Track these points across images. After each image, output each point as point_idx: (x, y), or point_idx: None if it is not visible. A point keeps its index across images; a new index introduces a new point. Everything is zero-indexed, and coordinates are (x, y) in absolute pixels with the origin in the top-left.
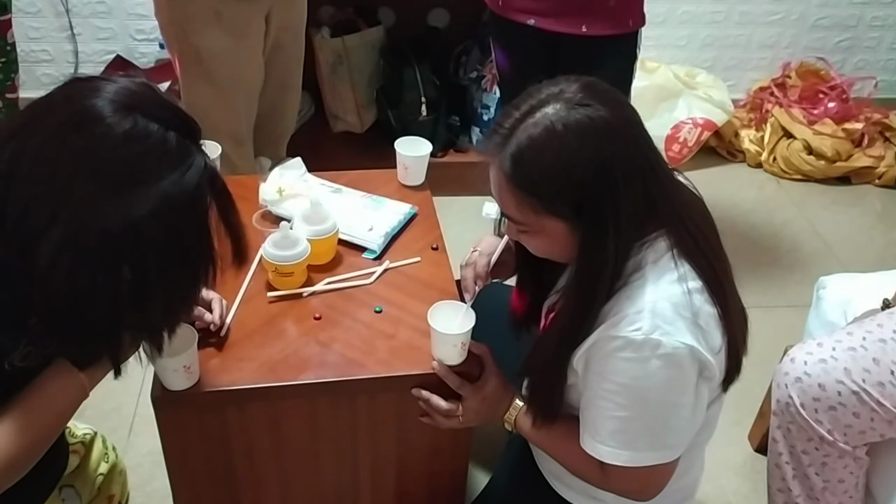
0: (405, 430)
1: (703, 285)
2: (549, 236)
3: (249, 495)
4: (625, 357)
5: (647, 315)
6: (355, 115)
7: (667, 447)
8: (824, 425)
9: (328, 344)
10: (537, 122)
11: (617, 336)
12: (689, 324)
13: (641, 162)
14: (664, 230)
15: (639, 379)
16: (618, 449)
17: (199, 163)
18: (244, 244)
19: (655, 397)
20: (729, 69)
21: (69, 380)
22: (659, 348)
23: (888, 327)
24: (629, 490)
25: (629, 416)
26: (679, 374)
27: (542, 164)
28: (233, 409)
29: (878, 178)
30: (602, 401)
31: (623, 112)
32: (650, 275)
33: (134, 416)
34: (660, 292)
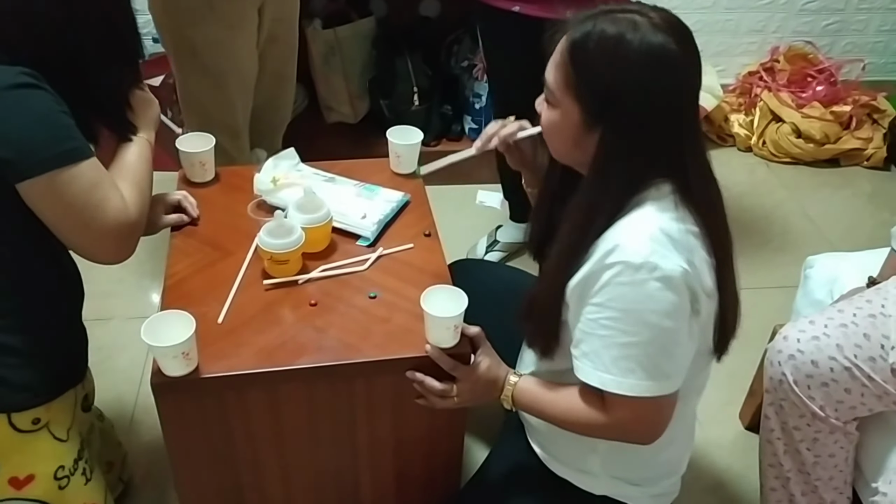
0: (402, 412)
1: (700, 231)
2: (562, 115)
3: (250, 479)
4: (623, 281)
5: (645, 240)
6: (348, 106)
7: (665, 376)
8: (816, 401)
9: (324, 329)
10: (619, 20)
11: (615, 262)
12: (684, 257)
13: (686, 104)
14: (673, 180)
15: (638, 301)
16: (620, 377)
17: None
18: None
19: (654, 320)
20: (718, 54)
21: (137, 142)
22: (656, 270)
23: (877, 302)
24: (631, 427)
25: (630, 341)
26: (675, 297)
27: (600, 56)
28: (232, 394)
29: (866, 159)
30: (604, 329)
31: (691, 55)
32: (650, 208)
33: (135, 406)
34: (659, 222)
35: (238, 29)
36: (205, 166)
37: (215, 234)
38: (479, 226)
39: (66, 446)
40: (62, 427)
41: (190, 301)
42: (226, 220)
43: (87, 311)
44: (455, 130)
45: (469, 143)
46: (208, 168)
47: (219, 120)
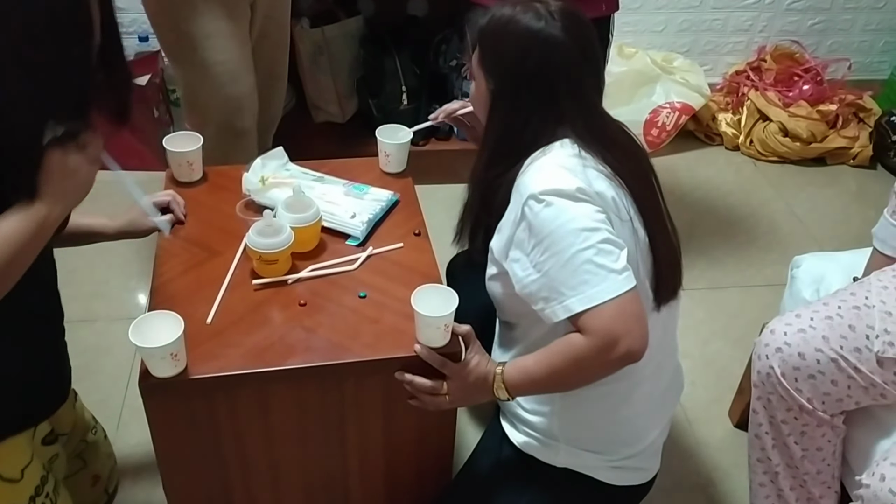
0: (392, 413)
1: (607, 171)
2: (477, 88)
3: (239, 480)
4: (535, 212)
5: (542, 174)
6: (336, 106)
7: (613, 272)
8: (804, 394)
9: (314, 329)
10: (518, 8)
11: (524, 200)
12: (582, 179)
13: (556, 77)
14: (571, 138)
15: (553, 220)
16: (577, 294)
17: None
18: None
19: (574, 226)
20: (705, 54)
21: (22, 207)
22: (557, 191)
23: (860, 295)
24: (615, 334)
25: (566, 258)
26: (583, 204)
27: (494, 34)
28: (221, 395)
29: (852, 158)
30: (543, 266)
31: (574, 43)
32: (551, 150)
33: (122, 407)
34: (556, 160)
35: (234, 19)
36: (192, 166)
37: (203, 234)
38: None
39: (18, 486)
40: (14, 467)
41: (178, 301)
42: (214, 220)
43: (73, 312)
44: (443, 130)
45: (457, 143)
46: (196, 168)
47: (223, 119)
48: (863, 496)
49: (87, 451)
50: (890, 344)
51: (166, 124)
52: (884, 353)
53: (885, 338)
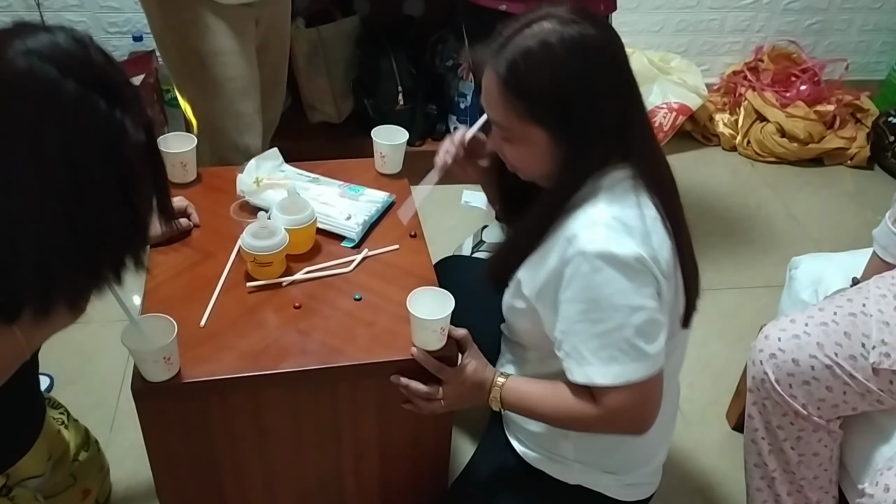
0: (387, 416)
1: (657, 214)
2: (530, 145)
3: (233, 485)
4: (583, 272)
5: (599, 229)
6: (332, 106)
7: (646, 356)
8: (798, 400)
9: (308, 332)
10: (533, 34)
11: (573, 255)
12: (640, 240)
13: (625, 81)
14: (625, 164)
15: (601, 288)
16: (603, 367)
17: (102, 116)
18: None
19: (621, 302)
20: (702, 54)
21: (3, 337)
22: (612, 257)
23: (857, 301)
24: (625, 415)
25: (604, 329)
26: (636, 277)
27: (534, 72)
28: (214, 399)
29: (849, 159)
30: (577, 324)
31: (609, 32)
32: (604, 195)
33: (116, 410)
34: (613, 209)
35: (241, 35)
36: (186, 167)
37: (197, 235)
38: (465, 226)
39: None
40: None
41: (171, 304)
42: (208, 222)
43: None
44: (440, 130)
45: None
46: (190, 169)
47: (235, 142)
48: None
49: (78, 470)
50: (886, 355)
51: (161, 124)
52: (879, 365)
53: (882, 349)
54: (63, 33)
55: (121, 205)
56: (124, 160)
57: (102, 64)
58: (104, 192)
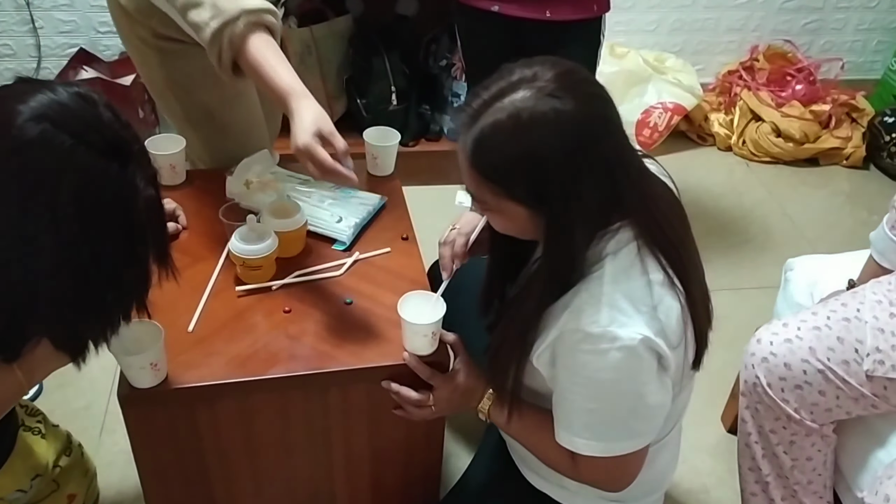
0: (378, 422)
1: (665, 278)
2: (509, 218)
3: (222, 492)
4: (585, 350)
5: (604, 308)
6: (325, 106)
7: (638, 435)
8: (791, 404)
9: (298, 337)
10: (504, 107)
11: (577, 330)
12: (647, 317)
13: (607, 156)
14: (628, 221)
15: (600, 371)
16: (592, 440)
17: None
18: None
19: (619, 388)
20: (698, 53)
21: (4, 374)
22: (616, 340)
23: (852, 306)
24: (601, 480)
25: (598, 407)
26: (638, 363)
27: (502, 152)
28: (203, 405)
29: (845, 158)
30: (571, 394)
31: (591, 108)
32: (609, 266)
33: (105, 415)
34: (618, 285)
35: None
36: (175, 169)
37: (186, 239)
38: None
39: None
40: None
41: (159, 309)
42: (197, 225)
43: None
44: (433, 130)
45: (448, 144)
46: (179, 170)
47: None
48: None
49: (60, 475)
50: (881, 363)
51: (152, 125)
52: (874, 372)
53: (876, 356)
54: (67, 92)
55: (130, 257)
56: (135, 216)
57: (113, 125)
58: (116, 247)
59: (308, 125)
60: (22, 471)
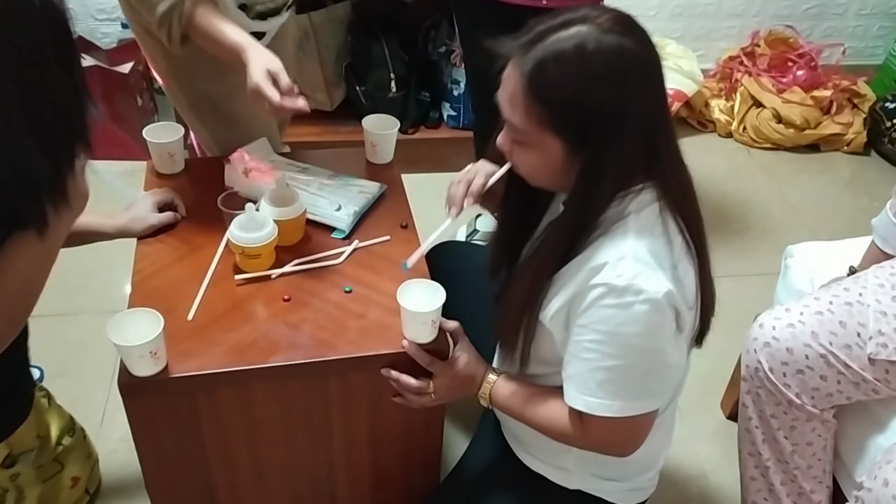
0: (378, 410)
1: (683, 241)
2: (543, 153)
3: (223, 480)
4: (608, 304)
5: (629, 261)
6: (324, 93)
7: (652, 394)
8: (792, 389)
9: (298, 325)
10: (570, 35)
11: (599, 283)
12: (670, 274)
13: (656, 104)
14: (651, 183)
15: (623, 325)
16: (607, 400)
17: None
18: None
19: (640, 343)
20: (698, 39)
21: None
22: (641, 293)
23: (854, 291)
24: (610, 443)
25: (616, 364)
26: (661, 318)
27: (562, 78)
28: (202, 393)
29: (846, 145)
30: (588, 353)
31: (650, 50)
32: (633, 222)
33: (106, 403)
34: (642, 240)
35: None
36: (174, 157)
37: (184, 227)
38: None
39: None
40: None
41: (158, 298)
42: (195, 214)
43: (57, 306)
44: (433, 118)
45: (447, 131)
46: (177, 159)
47: None
48: (863, 499)
49: (63, 455)
50: (883, 346)
51: (150, 113)
52: (876, 355)
53: (879, 339)
54: None
55: (63, 75)
56: (62, 28)
57: None
58: (49, 64)
59: (258, 68)
60: (31, 427)
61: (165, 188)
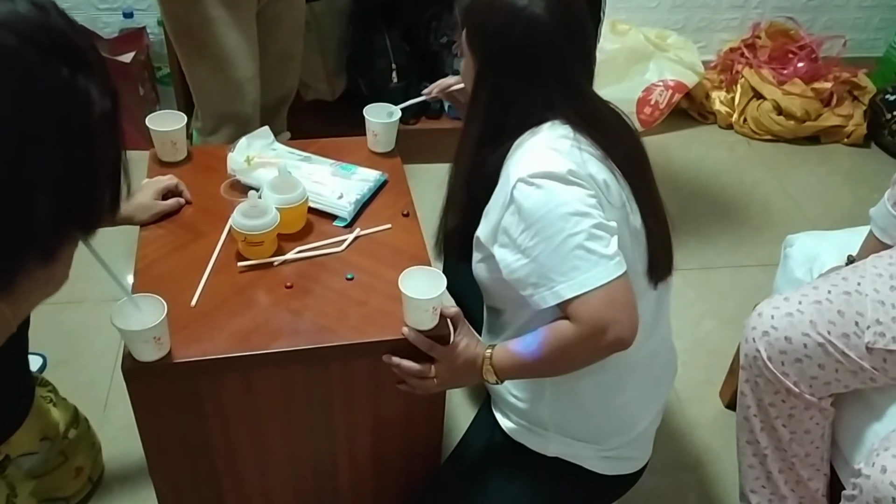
0: (379, 396)
1: (601, 154)
2: (466, 64)
3: (226, 465)
4: (525, 195)
5: (532, 156)
6: (325, 83)
7: (604, 258)
8: (791, 377)
9: (300, 312)
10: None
11: (513, 184)
12: (576, 162)
13: (542, 55)
14: (563, 119)
15: (543, 204)
16: (567, 280)
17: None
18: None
19: (565, 211)
20: (699, 30)
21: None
22: (547, 174)
23: (852, 280)
24: (606, 319)
25: (556, 243)
26: (574, 187)
27: (477, 10)
28: (205, 379)
29: (846, 136)
30: (532, 251)
31: (557, 17)
32: (542, 132)
33: (109, 390)
34: (548, 143)
35: (234, 8)
36: (176, 145)
37: (187, 215)
38: None
39: None
40: None
41: (161, 284)
42: (198, 201)
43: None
44: (434, 108)
45: (448, 122)
46: (180, 147)
47: (225, 110)
48: (861, 486)
49: (69, 447)
50: (881, 335)
51: (153, 102)
52: (874, 344)
53: (877, 328)
54: (24, 1)
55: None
56: (88, 128)
57: (63, 28)
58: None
59: None
60: (33, 433)
61: (169, 175)
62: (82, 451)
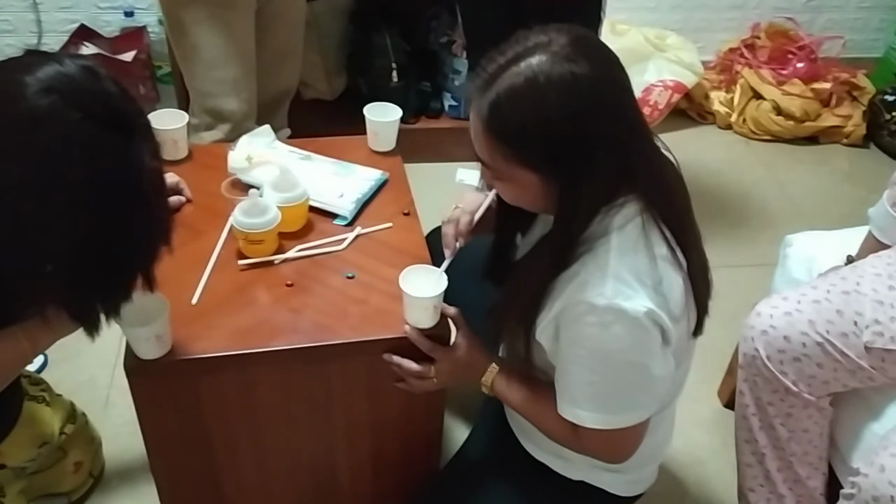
0: (378, 395)
1: (668, 252)
2: (519, 185)
3: (225, 462)
4: (589, 322)
5: (609, 281)
6: (325, 83)
7: (640, 407)
8: (789, 376)
9: (300, 310)
10: (520, 71)
11: (581, 301)
12: (651, 291)
13: (621, 124)
14: (634, 195)
15: (604, 342)
16: (594, 413)
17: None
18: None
19: (622, 359)
20: (698, 31)
21: (9, 341)
22: (620, 313)
23: (851, 280)
24: (602, 452)
25: (600, 379)
26: (642, 335)
27: (518, 115)
28: (206, 376)
29: (845, 137)
30: (574, 366)
31: (609, 72)
32: (615, 240)
33: (110, 388)
34: (624, 259)
35: (229, 8)
36: (177, 144)
37: (188, 213)
38: None
39: None
40: None
41: (162, 282)
42: (199, 200)
43: None
44: (434, 108)
45: (448, 121)
46: (181, 145)
47: (222, 108)
48: (859, 484)
49: (66, 442)
50: (879, 334)
51: (153, 101)
52: (873, 344)
53: (875, 328)
54: (74, 65)
55: (135, 228)
56: (140, 188)
57: (118, 99)
58: (122, 218)
59: None
60: (28, 440)
61: (170, 172)
62: (80, 446)
